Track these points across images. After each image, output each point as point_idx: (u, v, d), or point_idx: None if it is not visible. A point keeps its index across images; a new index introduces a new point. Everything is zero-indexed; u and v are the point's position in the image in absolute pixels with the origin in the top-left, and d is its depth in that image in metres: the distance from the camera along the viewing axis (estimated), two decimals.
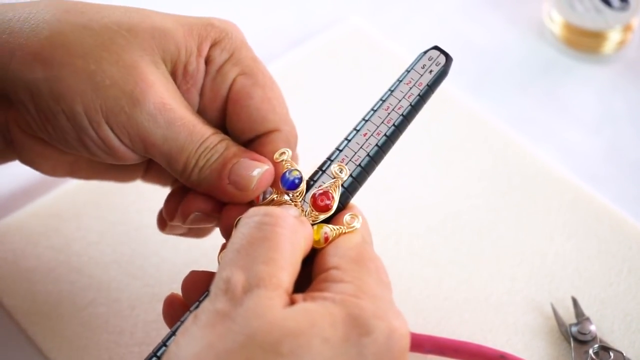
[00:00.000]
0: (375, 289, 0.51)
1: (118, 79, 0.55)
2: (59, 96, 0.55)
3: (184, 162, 0.57)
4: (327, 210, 0.55)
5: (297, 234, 0.52)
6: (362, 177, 0.57)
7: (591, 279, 0.71)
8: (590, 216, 0.74)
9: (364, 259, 0.52)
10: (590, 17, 0.85)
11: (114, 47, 0.56)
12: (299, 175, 0.56)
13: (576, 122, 0.83)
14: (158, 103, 0.56)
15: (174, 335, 0.53)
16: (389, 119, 0.57)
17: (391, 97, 0.58)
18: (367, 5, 0.92)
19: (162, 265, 0.71)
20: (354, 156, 0.57)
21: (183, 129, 0.56)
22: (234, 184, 0.56)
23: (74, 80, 0.55)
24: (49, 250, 0.71)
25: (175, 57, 0.58)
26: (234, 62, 0.60)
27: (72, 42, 0.56)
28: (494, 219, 0.74)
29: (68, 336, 0.67)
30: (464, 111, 0.81)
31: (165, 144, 0.56)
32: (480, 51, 0.88)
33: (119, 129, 0.56)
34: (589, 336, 0.66)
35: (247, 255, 0.50)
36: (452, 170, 0.77)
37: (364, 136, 0.57)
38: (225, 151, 0.57)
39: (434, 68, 0.58)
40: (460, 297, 0.70)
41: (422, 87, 0.58)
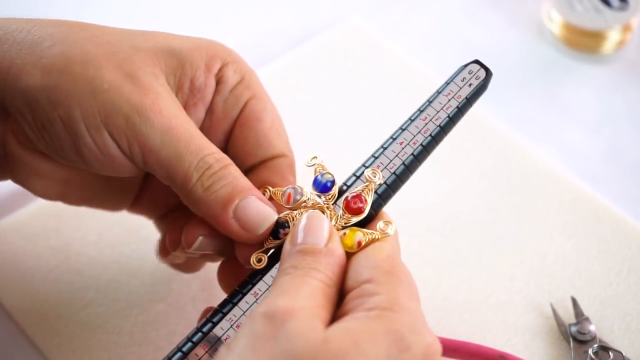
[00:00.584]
0: (409, 302, 0.50)
1: (116, 84, 0.55)
2: (56, 102, 0.55)
3: (184, 173, 0.55)
4: (360, 213, 0.55)
5: (332, 276, 0.52)
6: (396, 185, 0.57)
7: (591, 279, 0.71)
8: (590, 216, 0.74)
9: (396, 271, 0.52)
10: (590, 17, 0.85)
11: (115, 57, 0.56)
12: (331, 178, 0.56)
13: (576, 122, 0.83)
14: (156, 109, 0.55)
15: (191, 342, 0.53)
16: (426, 129, 0.57)
17: (429, 108, 0.58)
18: (366, 5, 0.92)
19: (161, 266, 0.70)
20: (389, 164, 0.57)
21: (182, 136, 0.55)
22: (239, 222, 0.55)
23: (72, 86, 0.55)
24: (49, 250, 0.71)
25: (179, 71, 0.58)
26: (245, 85, 0.60)
27: (73, 52, 0.56)
28: (494, 219, 0.74)
29: (67, 336, 0.67)
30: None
31: (163, 150, 0.55)
32: (479, 51, 0.88)
33: (117, 134, 0.55)
34: (588, 336, 0.66)
35: (288, 292, 0.50)
36: (451, 171, 0.77)
37: (400, 144, 0.57)
38: (235, 180, 0.56)
39: (473, 82, 0.58)
40: (460, 297, 0.70)
41: (460, 100, 0.58)
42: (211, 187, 0.55)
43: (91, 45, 0.56)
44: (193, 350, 0.53)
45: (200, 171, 0.55)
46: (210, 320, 0.54)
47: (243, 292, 0.55)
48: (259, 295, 0.54)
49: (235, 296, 0.55)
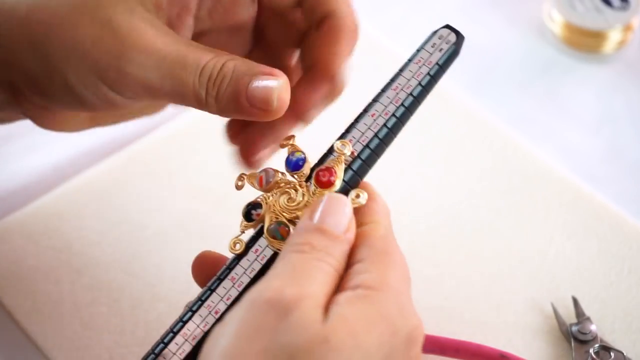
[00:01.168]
0: (399, 283, 0.50)
1: (96, 38, 0.55)
2: (51, 71, 0.56)
3: (193, 94, 0.56)
4: (330, 186, 0.54)
5: (344, 261, 0.51)
6: (371, 159, 0.56)
7: (591, 279, 0.71)
8: (590, 216, 0.74)
9: (390, 251, 0.52)
10: (591, 16, 0.86)
11: (86, 8, 0.56)
12: (302, 156, 0.56)
13: (576, 122, 0.83)
14: (142, 49, 0.55)
15: (173, 333, 0.53)
16: (397, 98, 0.56)
17: (400, 77, 0.57)
18: (366, 5, 0.92)
19: (163, 265, 0.71)
20: (361, 137, 0.56)
21: (176, 62, 0.55)
22: (255, 105, 0.55)
23: (59, 53, 0.55)
24: (50, 250, 0.71)
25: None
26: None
27: (47, 14, 0.56)
28: (494, 219, 0.74)
29: (69, 336, 0.67)
30: (464, 111, 0.81)
31: (166, 82, 0.55)
32: (480, 51, 0.88)
33: (116, 86, 0.56)
34: (589, 336, 0.66)
35: (300, 276, 0.49)
36: (451, 170, 0.77)
37: (372, 117, 0.56)
38: (234, 73, 0.56)
39: (444, 46, 0.57)
40: (461, 296, 0.70)
41: (431, 66, 0.57)
42: (219, 92, 0.55)
43: (61, 1, 0.56)
44: (173, 340, 0.53)
45: (203, 86, 0.55)
46: (190, 309, 0.54)
47: (221, 278, 0.54)
48: (235, 279, 0.54)
49: (214, 283, 0.54)
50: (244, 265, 0.54)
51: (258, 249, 0.54)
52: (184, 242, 0.71)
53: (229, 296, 0.54)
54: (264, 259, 0.54)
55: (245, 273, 0.54)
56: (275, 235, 0.54)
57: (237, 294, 0.53)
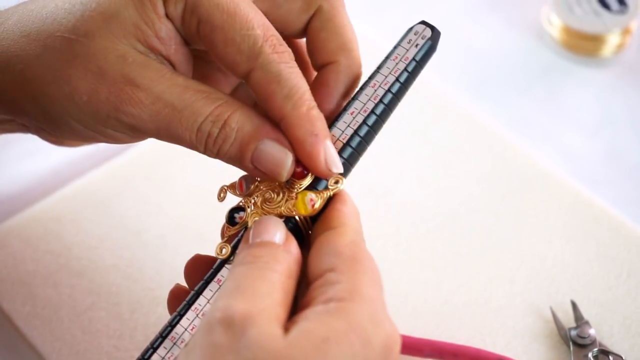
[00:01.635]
0: (370, 290, 0.50)
1: (91, 91, 0.55)
2: (56, 122, 0.56)
3: (190, 145, 0.55)
4: (304, 177, 0.54)
5: (291, 270, 0.51)
6: (352, 156, 0.56)
7: (590, 283, 0.71)
8: (589, 219, 0.74)
9: (359, 257, 0.51)
10: (589, 20, 0.86)
11: (77, 61, 0.55)
12: None
13: (575, 125, 0.83)
14: (136, 101, 0.54)
15: (162, 338, 0.53)
16: (376, 95, 0.56)
17: (378, 75, 0.57)
18: (366, 8, 0.92)
19: (161, 269, 0.71)
20: (341, 135, 0.56)
21: (172, 116, 0.54)
22: (260, 169, 0.54)
23: (58, 106, 0.55)
24: (49, 254, 0.71)
25: (140, 35, 0.55)
26: (190, 8, 0.55)
27: (41, 71, 0.56)
28: (493, 222, 0.74)
29: (68, 340, 0.67)
30: (463, 114, 0.81)
31: (162, 135, 0.55)
32: (479, 54, 0.88)
33: (118, 129, 0.56)
34: (588, 340, 0.66)
35: (244, 291, 0.49)
36: (451, 174, 0.78)
37: (351, 114, 0.56)
38: (239, 134, 0.54)
39: (420, 42, 0.57)
40: (460, 300, 0.70)
41: (408, 62, 0.57)
42: (220, 151, 0.54)
43: (52, 57, 0.55)
44: (162, 344, 0.54)
45: (202, 142, 0.54)
46: (179, 313, 0.54)
47: (207, 280, 0.54)
48: (221, 282, 0.54)
49: (201, 286, 0.55)
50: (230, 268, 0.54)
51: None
52: (183, 246, 0.71)
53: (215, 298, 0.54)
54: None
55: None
56: None
57: None
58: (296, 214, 0.54)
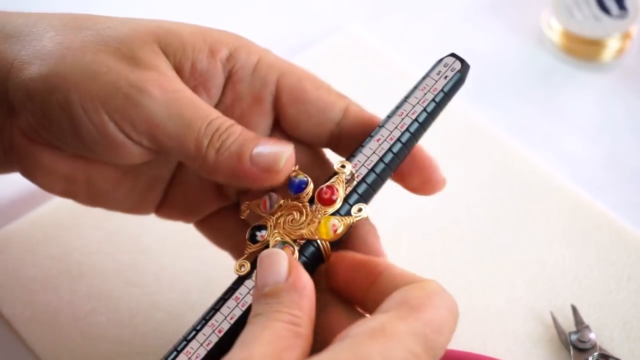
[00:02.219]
0: (408, 335, 0.46)
1: (115, 66, 0.55)
2: (53, 88, 0.55)
3: (195, 141, 0.55)
4: (332, 203, 0.55)
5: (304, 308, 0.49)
6: (376, 183, 0.57)
7: (591, 287, 0.71)
8: (589, 224, 0.74)
9: (420, 309, 0.48)
10: (589, 24, 0.86)
11: (113, 42, 0.56)
12: (304, 179, 0.56)
13: (575, 130, 0.83)
14: (157, 84, 0.55)
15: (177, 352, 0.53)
16: (403, 124, 0.57)
17: (406, 104, 0.58)
18: (366, 13, 0.92)
19: (161, 274, 0.71)
20: (366, 161, 0.56)
21: (187, 106, 0.55)
22: (258, 166, 0.55)
23: (69, 71, 0.55)
24: (49, 259, 0.71)
25: (180, 52, 0.57)
26: (266, 64, 0.59)
27: (72, 40, 0.56)
28: (493, 227, 0.74)
29: (67, 345, 0.67)
30: (463, 119, 0.81)
31: (171, 122, 0.54)
32: (479, 59, 0.88)
33: (119, 114, 0.54)
34: (588, 344, 0.66)
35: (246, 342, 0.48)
36: (451, 178, 0.77)
37: (377, 141, 0.57)
38: (243, 133, 0.55)
39: (449, 74, 0.58)
40: (460, 305, 0.69)
41: (436, 93, 0.58)
42: (222, 146, 0.55)
43: (91, 33, 0.56)
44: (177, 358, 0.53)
45: (209, 135, 0.55)
46: (195, 328, 0.54)
47: (225, 298, 0.54)
48: (239, 299, 0.54)
49: (218, 303, 0.55)
50: (249, 286, 0.54)
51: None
52: (183, 251, 0.71)
53: (232, 315, 0.54)
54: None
55: (250, 293, 0.54)
56: None
57: (240, 313, 0.54)
58: (318, 237, 0.54)
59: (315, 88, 0.59)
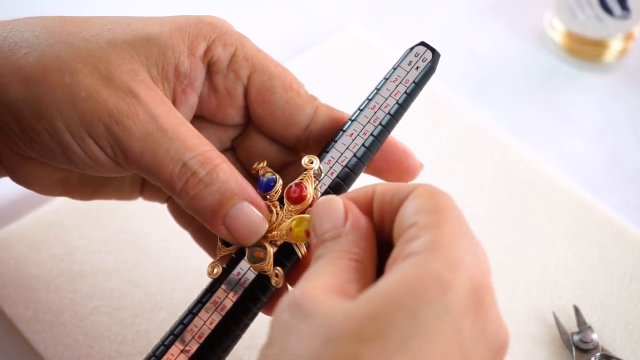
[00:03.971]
0: (452, 237, 0.46)
1: (92, 90, 0.54)
2: (39, 115, 0.54)
3: (167, 180, 0.54)
4: (300, 201, 0.54)
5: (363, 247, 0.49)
6: (349, 178, 0.56)
7: (593, 288, 0.71)
8: (591, 224, 0.74)
9: (441, 207, 0.48)
10: (592, 25, 0.86)
11: (91, 58, 0.54)
12: (273, 176, 0.56)
13: (577, 131, 0.83)
14: (133, 114, 0.53)
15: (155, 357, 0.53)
16: (376, 117, 0.57)
17: (378, 96, 0.57)
18: (367, 13, 0.92)
19: (164, 274, 0.71)
20: (340, 157, 0.56)
21: (161, 141, 0.53)
22: (229, 230, 0.54)
23: (51, 97, 0.54)
24: (51, 259, 0.71)
25: (162, 59, 0.56)
26: (241, 57, 0.58)
27: (48, 57, 0.55)
28: (495, 228, 0.74)
29: (70, 344, 0.67)
30: (465, 119, 0.81)
31: (143, 157, 0.53)
32: (481, 59, 0.89)
33: (101, 142, 0.54)
34: (590, 345, 0.66)
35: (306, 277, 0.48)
36: (453, 179, 0.77)
37: (350, 136, 0.56)
38: (223, 186, 0.54)
39: (420, 64, 0.57)
40: None
41: (408, 85, 0.57)
42: (197, 196, 0.54)
43: (66, 49, 0.55)
44: None
45: (183, 179, 0.53)
46: (172, 333, 0.54)
47: (203, 302, 0.54)
48: (218, 303, 0.54)
49: (195, 306, 0.54)
50: (225, 288, 0.54)
51: (240, 272, 0.55)
52: (185, 251, 0.71)
53: (212, 320, 0.54)
54: (246, 282, 0.54)
55: (228, 297, 0.54)
56: (252, 259, 0.54)
57: (220, 319, 0.53)
58: (291, 241, 0.54)
59: (284, 90, 0.58)
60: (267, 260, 0.54)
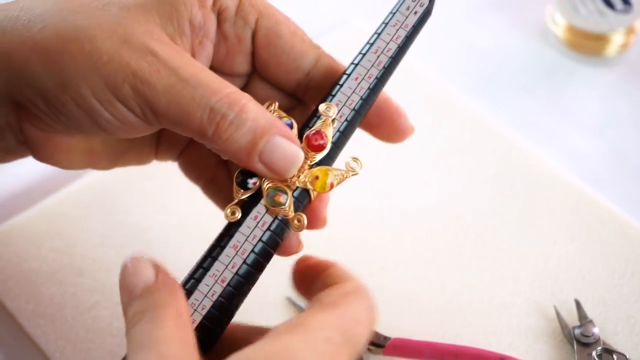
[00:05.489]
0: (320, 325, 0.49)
1: (114, 54, 0.54)
2: (64, 85, 0.55)
3: (197, 128, 0.54)
4: (322, 149, 0.56)
5: (180, 299, 0.51)
6: (356, 120, 0.58)
7: (594, 282, 0.71)
8: (593, 219, 0.74)
9: (336, 304, 0.50)
10: (594, 19, 0.86)
11: (107, 24, 0.55)
12: (289, 121, 0.57)
13: (579, 125, 0.83)
14: (154, 70, 0.54)
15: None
16: (379, 62, 0.58)
17: (379, 40, 0.59)
18: (369, 8, 0.92)
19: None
20: (347, 100, 0.57)
21: (185, 91, 0.54)
22: (267, 166, 0.54)
23: (73, 66, 0.55)
24: (53, 252, 0.71)
25: (175, 15, 0.57)
26: (248, 4, 0.59)
27: (64, 28, 0.55)
28: (497, 222, 0.74)
29: (71, 339, 0.67)
30: (467, 114, 0.81)
31: (170, 110, 0.54)
32: (483, 54, 0.88)
33: (129, 102, 0.55)
34: (592, 338, 0.66)
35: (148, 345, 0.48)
36: (455, 174, 0.78)
37: (355, 80, 0.58)
38: (253, 124, 0.54)
39: (418, 9, 0.59)
40: (464, 300, 0.70)
41: (408, 29, 0.59)
42: (230, 138, 0.54)
43: (81, 18, 0.56)
44: None
45: (213, 124, 0.54)
46: (193, 277, 0.54)
47: (222, 246, 0.55)
48: (238, 247, 0.54)
49: (214, 250, 0.55)
50: (244, 232, 0.55)
51: (257, 215, 0.55)
52: (187, 245, 0.71)
53: (233, 264, 0.54)
54: (265, 226, 0.55)
55: (248, 240, 0.54)
56: (273, 203, 0.55)
57: (241, 262, 0.54)
58: (311, 189, 0.55)
59: (290, 34, 0.60)
60: (288, 205, 0.54)
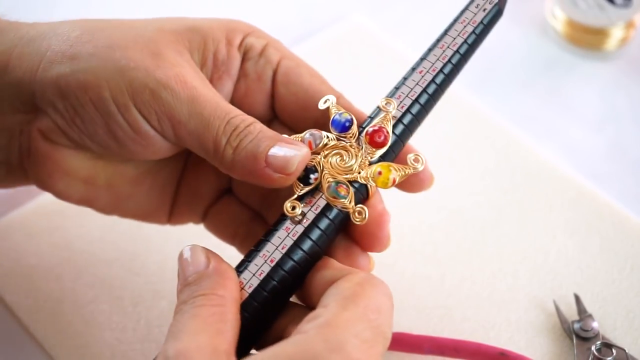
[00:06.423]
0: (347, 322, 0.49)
1: (141, 61, 0.56)
2: (86, 85, 0.56)
3: (213, 139, 0.56)
4: (384, 146, 0.56)
5: (226, 288, 0.52)
6: (420, 114, 0.58)
7: (594, 276, 0.71)
8: (592, 213, 0.74)
9: (356, 297, 0.50)
10: (593, 14, 0.85)
11: (140, 39, 0.57)
12: (349, 117, 0.57)
13: (579, 120, 0.83)
14: (180, 81, 0.56)
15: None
16: (444, 55, 0.58)
17: (446, 36, 0.59)
18: (369, 2, 0.92)
19: (164, 263, 0.71)
20: (410, 92, 0.58)
21: (207, 104, 0.56)
22: (273, 167, 0.56)
23: (100, 68, 0.56)
24: (52, 247, 0.71)
25: (202, 46, 0.59)
26: (272, 47, 0.61)
27: (99, 38, 0.58)
28: (497, 217, 0.74)
29: (70, 333, 0.67)
30: (467, 109, 0.81)
31: (191, 120, 0.56)
32: (482, 48, 0.88)
33: (146, 110, 0.56)
34: (591, 333, 0.66)
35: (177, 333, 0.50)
36: (454, 168, 0.77)
37: (419, 73, 0.58)
38: (260, 134, 0.56)
39: (487, 7, 0.59)
40: (463, 294, 0.70)
41: (476, 25, 0.59)
42: (239, 146, 0.56)
43: (117, 33, 0.58)
44: None
45: (227, 134, 0.56)
46: (247, 259, 0.55)
47: (276, 228, 0.56)
48: (290, 229, 0.55)
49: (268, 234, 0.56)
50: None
51: (312, 199, 0.56)
52: (186, 240, 0.71)
53: (284, 245, 0.55)
54: (318, 209, 0.56)
55: (301, 224, 0.55)
56: (335, 195, 0.55)
57: (291, 243, 0.55)
58: (372, 185, 0.56)
59: (309, 75, 0.61)
60: (349, 197, 0.55)
